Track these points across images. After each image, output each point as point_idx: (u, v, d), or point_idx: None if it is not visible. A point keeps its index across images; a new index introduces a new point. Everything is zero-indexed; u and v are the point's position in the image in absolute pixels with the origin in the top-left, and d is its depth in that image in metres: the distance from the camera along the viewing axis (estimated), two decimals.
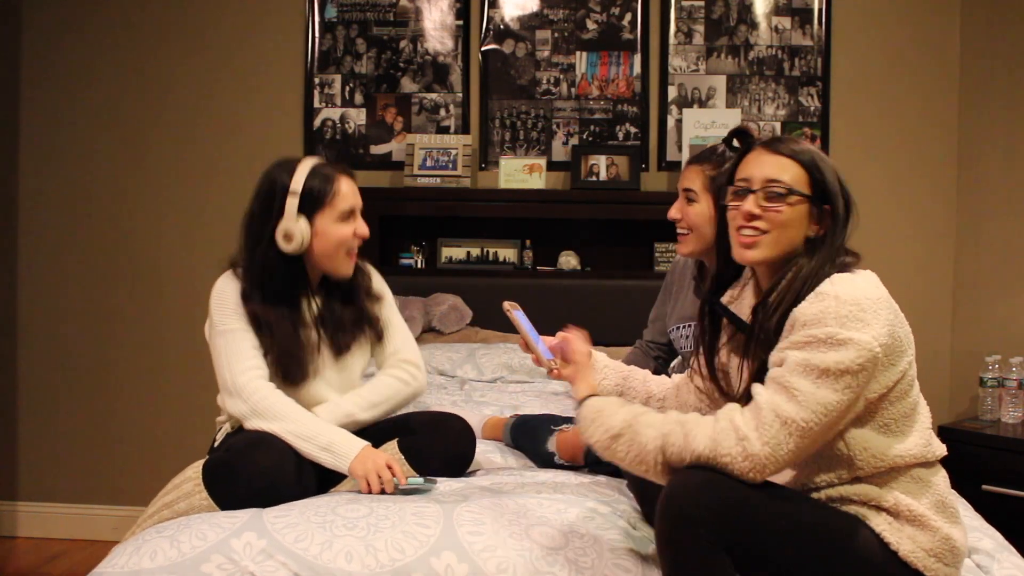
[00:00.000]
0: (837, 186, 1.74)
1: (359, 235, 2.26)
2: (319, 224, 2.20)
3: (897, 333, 1.65)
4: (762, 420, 1.59)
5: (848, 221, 1.73)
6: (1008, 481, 3.17)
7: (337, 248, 2.23)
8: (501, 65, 3.91)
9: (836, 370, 1.57)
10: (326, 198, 2.20)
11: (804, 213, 1.72)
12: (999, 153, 3.67)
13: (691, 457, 1.61)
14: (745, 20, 3.85)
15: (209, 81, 3.97)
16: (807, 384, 1.58)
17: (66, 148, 4.00)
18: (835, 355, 1.57)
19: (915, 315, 3.72)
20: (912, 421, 1.70)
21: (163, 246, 3.99)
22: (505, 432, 2.68)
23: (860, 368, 1.58)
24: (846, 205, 1.73)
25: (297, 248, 2.18)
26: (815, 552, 1.61)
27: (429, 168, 3.78)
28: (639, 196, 3.76)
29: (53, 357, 4.02)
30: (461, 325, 3.66)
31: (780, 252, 1.72)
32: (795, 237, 1.72)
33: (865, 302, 1.60)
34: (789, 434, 1.58)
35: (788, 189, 1.71)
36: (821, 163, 1.75)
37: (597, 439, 1.72)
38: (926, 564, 1.64)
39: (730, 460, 1.58)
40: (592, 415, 1.74)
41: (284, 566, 1.75)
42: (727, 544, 1.56)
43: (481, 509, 1.91)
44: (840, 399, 1.58)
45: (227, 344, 2.18)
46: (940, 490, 1.70)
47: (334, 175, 2.23)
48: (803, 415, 1.57)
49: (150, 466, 3.94)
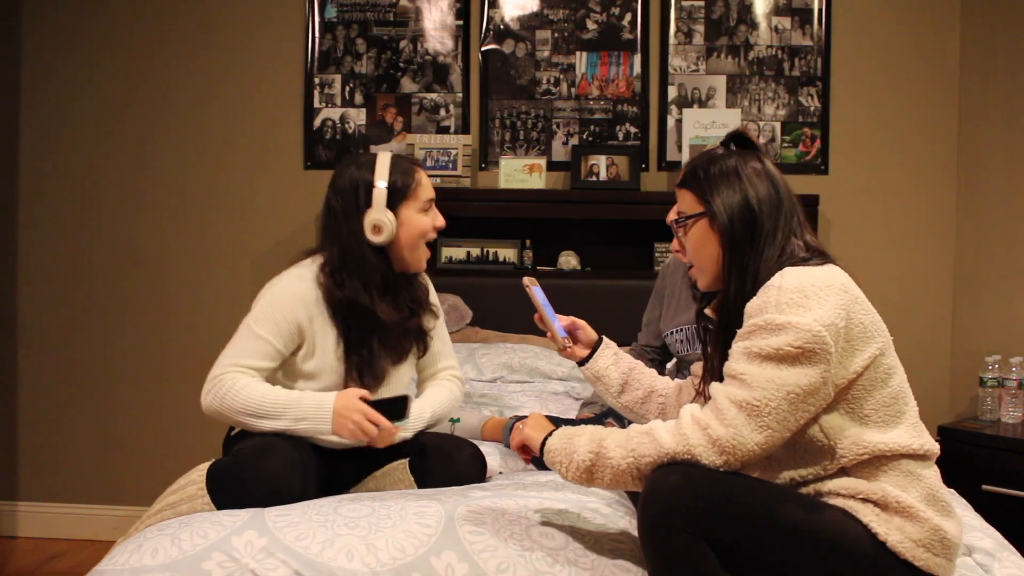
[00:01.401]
0: (735, 193, 1.78)
1: (437, 226, 2.32)
2: (404, 214, 2.26)
3: (859, 320, 1.68)
4: (719, 408, 1.66)
5: (762, 218, 1.77)
6: (1008, 481, 3.17)
7: (420, 238, 2.28)
8: (501, 65, 3.92)
9: (778, 354, 1.63)
10: (409, 189, 2.26)
11: (705, 229, 1.81)
12: (999, 153, 3.67)
13: (666, 459, 1.66)
14: (745, 20, 3.85)
15: (209, 81, 3.97)
16: (752, 367, 1.65)
17: (67, 149, 4.00)
18: (775, 339, 1.63)
19: (915, 315, 3.78)
20: (895, 412, 1.71)
21: (164, 246, 3.99)
22: (504, 434, 2.67)
23: (802, 349, 1.62)
24: (747, 205, 1.77)
25: (387, 239, 2.22)
26: (800, 545, 1.63)
27: (429, 168, 3.78)
28: (639, 196, 3.76)
29: (54, 357, 4.02)
30: (461, 325, 3.66)
31: (713, 274, 1.82)
32: (713, 253, 1.80)
33: (809, 289, 1.66)
34: (748, 416, 1.63)
35: (680, 219, 1.83)
36: (708, 178, 1.82)
37: (573, 477, 1.77)
38: (915, 554, 1.65)
39: (701, 450, 1.64)
40: (559, 457, 1.79)
41: (285, 564, 1.75)
42: (708, 538, 1.59)
43: (482, 509, 1.91)
44: (793, 379, 1.62)
45: (242, 339, 2.19)
46: (930, 483, 1.71)
47: (413, 168, 2.30)
48: (754, 394, 1.63)
49: (150, 466, 3.94)
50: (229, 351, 2.18)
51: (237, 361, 2.16)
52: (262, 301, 2.22)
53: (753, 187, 1.79)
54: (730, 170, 1.82)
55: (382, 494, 2.05)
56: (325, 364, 2.22)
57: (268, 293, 2.23)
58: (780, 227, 1.78)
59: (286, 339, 2.19)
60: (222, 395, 2.12)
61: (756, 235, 1.77)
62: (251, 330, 2.18)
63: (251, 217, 3.97)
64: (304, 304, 2.20)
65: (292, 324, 2.19)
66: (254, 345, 2.17)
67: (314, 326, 2.21)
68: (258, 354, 2.17)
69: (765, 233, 1.77)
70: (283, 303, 2.19)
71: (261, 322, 2.18)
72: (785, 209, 1.79)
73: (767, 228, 1.77)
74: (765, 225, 1.77)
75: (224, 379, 2.13)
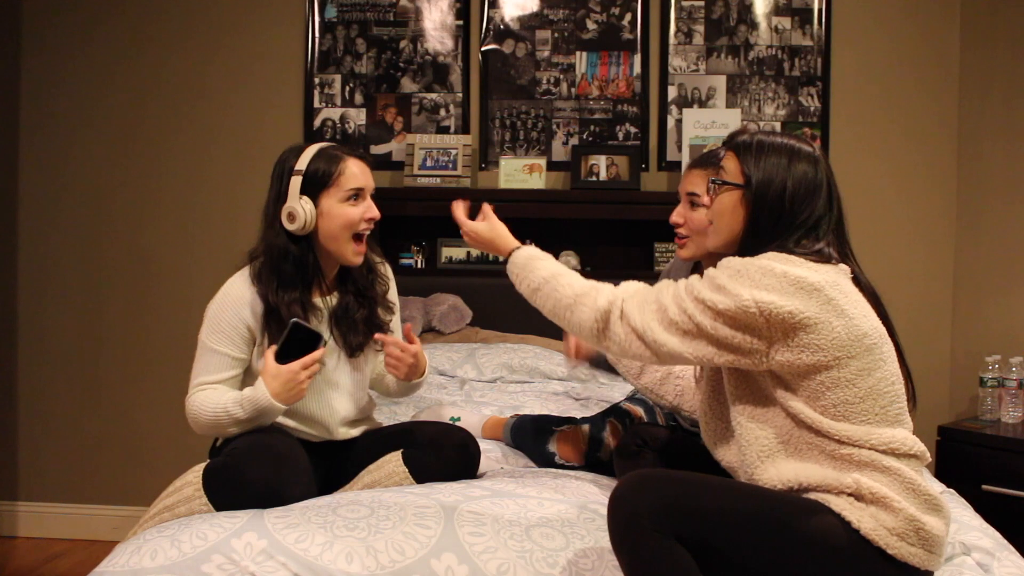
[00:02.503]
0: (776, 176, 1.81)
1: (368, 217, 2.22)
2: (324, 204, 2.18)
3: (826, 321, 1.69)
4: (638, 289, 1.83)
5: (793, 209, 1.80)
6: (1008, 481, 3.17)
7: (343, 230, 2.19)
8: (501, 65, 3.91)
9: (705, 304, 1.72)
10: (331, 178, 2.18)
11: (736, 200, 1.84)
12: (999, 153, 3.67)
13: (590, 306, 1.82)
14: (745, 20, 3.85)
15: (208, 81, 3.97)
16: (682, 292, 1.77)
17: (66, 149, 4.00)
18: (709, 293, 1.73)
19: (915, 315, 3.78)
20: (863, 411, 1.72)
21: (164, 247, 4.00)
22: (505, 432, 2.68)
23: (728, 312, 1.70)
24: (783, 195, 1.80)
25: (300, 228, 2.16)
26: (766, 538, 1.65)
27: (429, 168, 3.78)
28: (639, 196, 3.76)
29: (53, 357, 4.02)
30: (461, 325, 3.66)
31: (727, 240, 1.86)
32: (734, 225, 1.85)
33: (771, 273, 1.71)
34: (653, 311, 1.77)
35: (717, 180, 1.87)
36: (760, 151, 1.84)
37: (523, 290, 1.93)
38: (888, 542, 1.65)
39: (607, 304, 1.79)
40: (519, 268, 1.95)
41: (284, 567, 1.75)
42: (678, 537, 1.61)
43: (482, 510, 1.91)
44: (704, 321, 1.72)
45: (200, 357, 2.20)
46: (910, 478, 1.70)
47: (341, 156, 2.21)
48: (666, 301, 1.76)
49: (150, 466, 3.94)
50: (193, 372, 2.20)
51: (199, 381, 2.19)
52: (208, 312, 2.21)
53: (795, 176, 1.81)
54: (783, 151, 1.83)
55: (381, 493, 2.04)
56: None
57: (212, 302, 2.22)
58: (804, 221, 1.80)
59: (239, 344, 2.18)
60: (192, 418, 2.18)
61: (777, 223, 1.80)
62: (204, 345, 2.19)
63: (249, 218, 3.92)
64: (245, 304, 2.18)
65: (240, 327, 2.18)
66: (208, 360, 2.18)
67: (259, 322, 2.19)
68: (215, 367, 2.18)
69: (785, 224, 1.80)
70: (224, 310, 2.19)
71: (209, 334, 2.19)
72: (818, 205, 1.81)
73: (789, 220, 1.80)
74: (790, 217, 1.80)
75: (189, 403, 2.18)
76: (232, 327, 2.18)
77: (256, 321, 2.19)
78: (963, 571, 1.85)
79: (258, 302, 2.19)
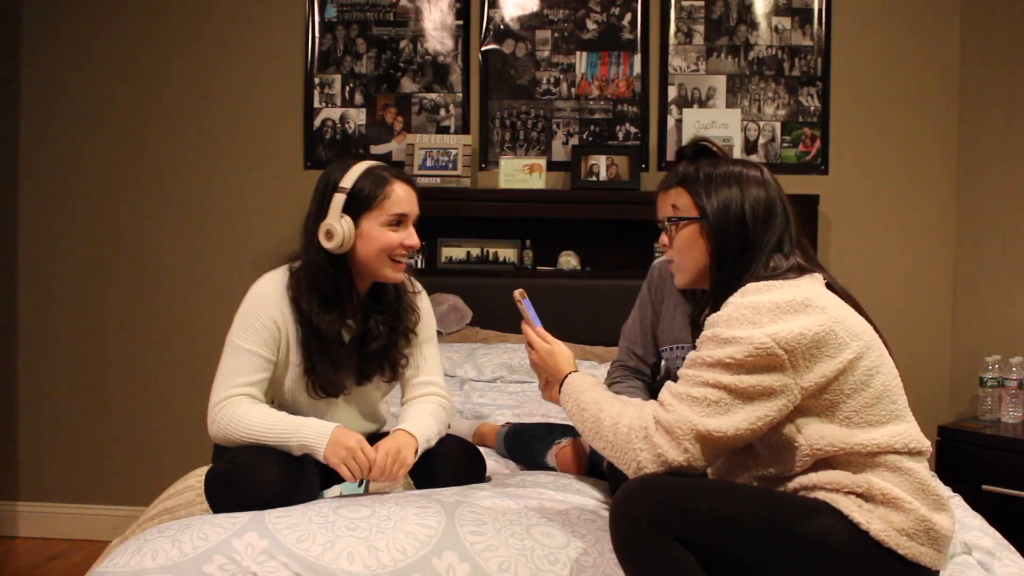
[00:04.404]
0: (732, 204, 1.83)
1: (407, 245, 2.18)
2: (364, 226, 2.14)
3: (830, 329, 1.69)
4: (663, 401, 1.74)
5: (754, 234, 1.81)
6: (1008, 481, 3.17)
7: (379, 253, 2.15)
8: (501, 65, 3.91)
9: (723, 362, 1.68)
10: (375, 200, 2.14)
11: (695, 234, 1.85)
12: (999, 153, 3.67)
13: (634, 434, 1.73)
14: (745, 20, 3.85)
15: (209, 81, 3.97)
16: (696, 371, 1.72)
17: (67, 150, 4.00)
18: (720, 351, 1.69)
19: (915, 316, 3.78)
20: (880, 412, 1.71)
21: (164, 247, 4.00)
22: (498, 441, 2.64)
23: (747, 360, 1.66)
24: (742, 220, 1.81)
25: (336, 247, 2.12)
26: (768, 540, 1.64)
27: (429, 168, 3.78)
28: (639, 196, 3.75)
29: (53, 357, 4.02)
30: (461, 325, 3.66)
31: (694, 275, 1.88)
32: (698, 258, 1.86)
33: (761, 306, 1.70)
34: (688, 406, 1.69)
35: (673, 218, 1.87)
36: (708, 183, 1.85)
37: (570, 412, 1.89)
38: (899, 543, 1.65)
39: (647, 433, 1.70)
40: (567, 401, 1.90)
41: (286, 567, 1.75)
42: (679, 540, 1.61)
43: (482, 509, 1.91)
44: (728, 380, 1.67)
45: (229, 358, 2.14)
46: (920, 476, 1.71)
47: (388, 178, 2.16)
48: (693, 391, 1.70)
49: (150, 466, 3.94)
50: (222, 373, 2.14)
51: (233, 382, 2.12)
52: (239, 312, 2.18)
53: (750, 200, 1.83)
54: (732, 179, 1.84)
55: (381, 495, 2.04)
56: (290, 364, 2.18)
57: (243, 303, 2.18)
58: (769, 242, 1.82)
59: (270, 345, 2.15)
60: (225, 424, 2.09)
61: (744, 249, 1.81)
62: (236, 346, 2.14)
63: (251, 218, 3.97)
64: (276, 305, 2.16)
65: (270, 327, 2.15)
66: (240, 360, 2.13)
67: (287, 327, 2.17)
68: (248, 369, 2.13)
69: (753, 248, 1.81)
70: (256, 309, 2.15)
71: (241, 334, 2.14)
72: (777, 223, 1.83)
73: (755, 244, 1.81)
74: (755, 241, 1.81)
75: (226, 407, 2.10)
76: (263, 326, 2.14)
77: (285, 324, 2.16)
78: (964, 570, 1.85)
79: (288, 306, 2.16)
